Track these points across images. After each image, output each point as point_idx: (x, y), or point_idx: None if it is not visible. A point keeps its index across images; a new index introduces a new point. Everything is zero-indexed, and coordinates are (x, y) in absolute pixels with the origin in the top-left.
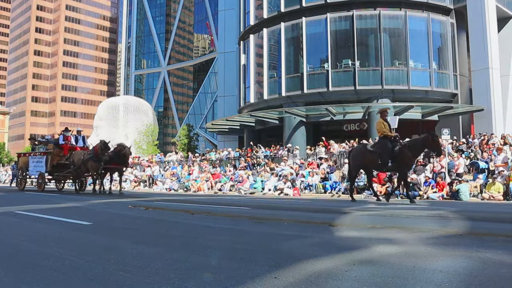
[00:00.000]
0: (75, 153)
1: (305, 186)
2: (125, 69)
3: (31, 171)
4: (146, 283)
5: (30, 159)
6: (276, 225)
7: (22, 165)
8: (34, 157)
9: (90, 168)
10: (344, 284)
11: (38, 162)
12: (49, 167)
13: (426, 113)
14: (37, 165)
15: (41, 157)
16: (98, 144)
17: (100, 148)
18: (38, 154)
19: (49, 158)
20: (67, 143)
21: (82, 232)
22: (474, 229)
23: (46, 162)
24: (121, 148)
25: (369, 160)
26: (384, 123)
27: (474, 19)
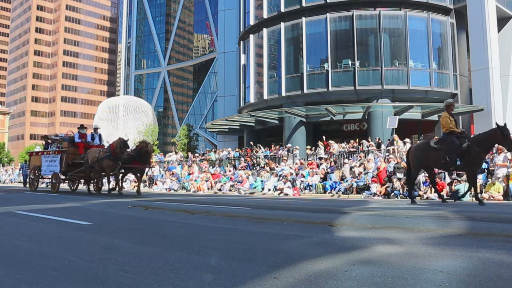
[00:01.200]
0: (90, 151)
1: (305, 186)
2: (125, 69)
3: (44, 171)
4: (146, 283)
5: (43, 158)
6: (276, 225)
7: (34, 165)
8: (48, 156)
9: (106, 167)
10: (344, 284)
11: (51, 161)
12: (64, 167)
13: (426, 113)
14: (50, 165)
15: (55, 156)
16: (116, 141)
17: (118, 146)
18: (51, 153)
19: (63, 157)
20: (83, 141)
21: (82, 232)
22: (473, 229)
23: (60, 161)
24: (143, 146)
25: (434, 159)
26: (450, 118)
27: (474, 19)
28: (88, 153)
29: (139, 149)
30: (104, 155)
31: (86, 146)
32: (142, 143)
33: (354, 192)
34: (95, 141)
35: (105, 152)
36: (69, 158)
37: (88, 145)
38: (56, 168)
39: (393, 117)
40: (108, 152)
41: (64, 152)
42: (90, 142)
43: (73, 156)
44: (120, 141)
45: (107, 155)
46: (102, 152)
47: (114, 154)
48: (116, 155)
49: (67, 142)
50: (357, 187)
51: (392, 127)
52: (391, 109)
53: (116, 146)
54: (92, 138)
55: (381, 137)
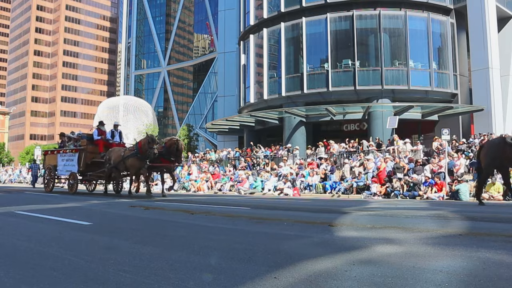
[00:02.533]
0: (113, 150)
1: (305, 186)
2: (125, 69)
3: (60, 171)
4: (146, 283)
5: (59, 157)
6: (276, 225)
7: (49, 164)
8: (64, 155)
9: (131, 166)
10: (344, 284)
11: (68, 160)
12: (83, 166)
13: (426, 113)
14: (67, 164)
15: (73, 154)
16: (143, 138)
17: (146, 143)
18: (68, 152)
19: (82, 156)
20: (103, 139)
21: (82, 232)
22: (473, 229)
23: (78, 160)
24: (173, 142)
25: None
26: None
27: (474, 19)
28: (110, 152)
29: (169, 146)
30: (129, 153)
31: (106, 144)
32: (172, 140)
33: (354, 192)
34: (115, 138)
35: (131, 150)
36: (87, 157)
37: (108, 143)
38: (73, 167)
39: (393, 117)
40: (135, 150)
41: (83, 151)
42: (110, 140)
43: (92, 155)
44: (148, 137)
45: (134, 153)
46: (127, 150)
47: (142, 152)
48: (144, 153)
49: (86, 139)
50: (357, 187)
51: (392, 127)
52: (391, 109)
53: (144, 143)
54: (112, 136)
55: (381, 137)
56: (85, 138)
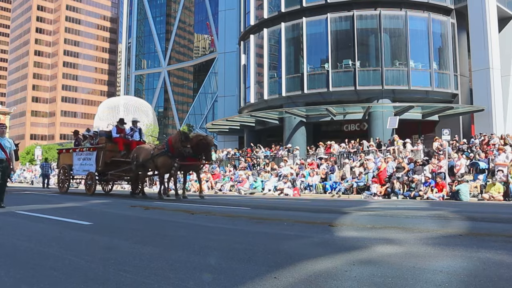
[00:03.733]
0: (142, 147)
1: (305, 186)
2: (125, 69)
3: (76, 171)
4: (146, 283)
5: (74, 156)
6: (276, 225)
7: (64, 164)
8: (80, 154)
9: (161, 165)
10: (344, 284)
11: (85, 159)
12: (101, 165)
13: (426, 113)
14: (84, 163)
15: (90, 153)
16: (175, 135)
17: (178, 140)
18: (85, 150)
19: (100, 155)
20: (122, 136)
21: (82, 232)
22: (474, 229)
23: (96, 159)
24: (201, 138)
25: None
26: None
27: (475, 19)
28: (138, 149)
29: (197, 142)
30: (159, 152)
31: (125, 142)
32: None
33: (354, 192)
34: (135, 135)
35: (160, 148)
36: (107, 155)
37: (127, 141)
38: (91, 167)
39: (394, 117)
40: (165, 148)
41: (101, 149)
42: (130, 138)
43: (111, 153)
44: (180, 133)
45: (164, 151)
46: (157, 148)
47: (173, 150)
48: (175, 151)
49: (104, 137)
50: (357, 187)
51: (393, 127)
52: (392, 109)
53: (176, 141)
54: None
55: (382, 137)
56: (103, 136)
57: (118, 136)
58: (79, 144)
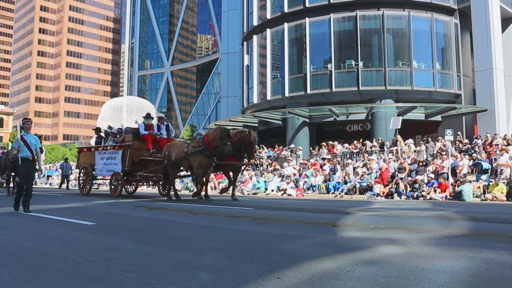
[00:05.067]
0: (173, 144)
1: (308, 187)
2: (128, 69)
3: (99, 171)
4: (149, 283)
5: (97, 155)
6: (279, 225)
7: (85, 163)
8: (104, 153)
9: (197, 165)
10: (347, 284)
11: (110, 158)
12: (128, 165)
13: (429, 114)
14: (108, 163)
15: (115, 152)
16: (213, 131)
17: (217, 138)
18: (109, 149)
19: (127, 153)
20: (151, 133)
21: (85, 232)
22: (476, 229)
23: (122, 158)
24: (245, 135)
25: None
26: None
27: (478, 20)
28: (170, 147)
29: (239, 139)
30: (194, 150)
31: (154, 139)
32: (242, 132)
33: (357, 192)
34: (162, 132)
35: (195, 146)
36: (134, 154)
37: (156, 138)
38: (116, 167)
39: (397, 118)
40: (201, 146)
41: (128, 147)
42: (158, 134)
43: (139, 151)
44: (221, 130)
45: (200, 149)
46: (191, 146)
47: (210, 148)
48: (213, 149)
49: (131, 134)
50: (360, 187)
51: (396, 128)
52: (395, 110)
53: (215, 138)
54: (158, 130)
55: (385, 138)
56: (129, 133)
57: (146, 133)
58: (101, 142)
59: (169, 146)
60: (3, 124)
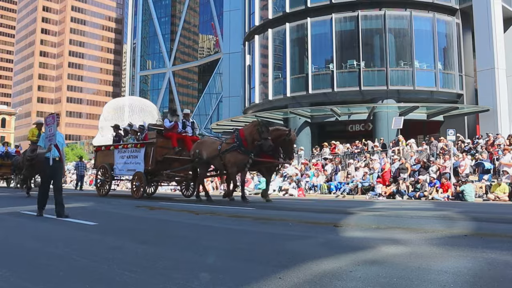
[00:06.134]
0: (204, 143)
1: (310, 187)
2: (130, 70)
3: (118, 170)
4: (151, 283)
5: (116, 154)
6: (280, 225)
7: (103, 163)
8: (124, 151)
9: (231, 163)
10: (349, 284)
11: (131, 157)
12: (152, 164)
13: (431, 114)
14: (129, 162)
15: (137, 150)
16: (249, 126)
17: (255, 132)
18: (130, 147)
19: (150, 151)
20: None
21: (88, 232)
22: (479, 229)
23: (145, 157)
24: (283, 133)
25: None
26: None
27: (480, 19)
28: (201, 145)
29: (277, 137)
30: (229, 147)
31: (179, 136)
32: (280, 129)
33: (359, 192)
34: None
35: (229, 143)
36: (158, 152)
37: (181, 136)
38: (138, 166)
39: (398, 118)
40: (236, 142)
41: (151, 145)
42: (183, 131)
43: (164, 150)
44: (260, 123)
45: (235, 146)
46: (225, 143)
47: (246, 144)
48: (250, 146)
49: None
50: (362, 187)
51: (397, 128)
52: (396, 110)
53: (252, 132)
54: (183, 127)
55: (386, 138)
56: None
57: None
58: (120, 140)
59: (199, 144)
60: (5, 124)
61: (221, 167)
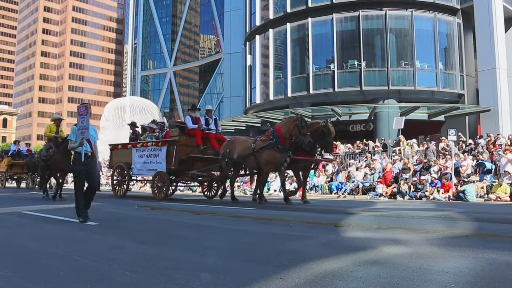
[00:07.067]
0: (236, 141)
1: (311, 187)
2: (131, 70)
3: (137, 170)
4: (152, 283)
5: (134, 153)
6: (281, 225)
7: (119, 162)
8: (143, 149)
9: (268, 162)
10: (350, 284)
11: (151, 156)
12: (175, 163)
13: (432, 114)
14: (149, 161)
15: (158, 148)
16: (286, 122)
17: (294, 127)
18: (151, 145)
19: (173, 150)
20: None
21: (89, 232)
22: (480, 230)
23: (167, 155)
24: (320, 126)
25: None
26: None
27: (481, 19)
28: (231, 143)
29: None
30: (264, 144)
31: (203, 134)
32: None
33: (360, 193)
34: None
35: (264, 140)
36: (182, 151)
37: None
38: (159, 165)
39: (399, 118)
40: (272, 139)
41: (174, 143)
42: (206, 129)
43: (188, 148)
44: (298, 118)
45: (271, 143)
46: (260, 140)
47: (284, 141)
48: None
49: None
50: (363, 188)
51: (398, 128)
52: (397, 110)
53: (289, 128)
54: (207, 124)
55: (387, 138)
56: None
57: (195, 128)
58: (137, 138)
59: (230, 143)
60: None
61: (254, 167)
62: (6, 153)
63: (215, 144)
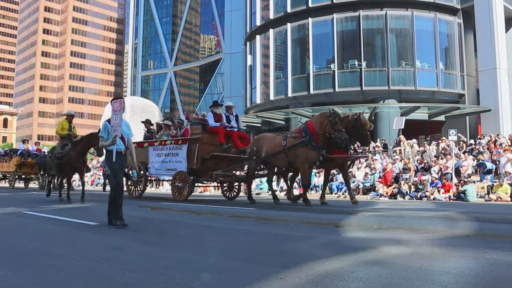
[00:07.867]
0: (264, 138)
1: (311, 187)
2: (131, 70)
3: (155, 170)
4: (152, 283)
5: (151, 152)
6: (282, 225)
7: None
8: (161, 148)
9: (303, 159)
10: (350, 285)
11: (170, 155)
12: (197, 163)
13: (433, 114)
14: (168, 160)
15: (177, 147)
16: (319, 117)
17: (328, 123)
18: (170, 143)
19: (195, 149)
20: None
21: (89, 232)
22: (481, 230)
23: (188, 154)
24: (352, 119)
25: None
26: None
27: (482, 19)
28: (259, 141)
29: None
30: (296, 141)
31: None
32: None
33: (361, 193)
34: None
35: (296, 137)
36: (204, 149)
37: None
38: (179, 165)
39: (400, 118)
40: (305, 137)
41: (196, 141)
42: (228, 126)
43: (210, 147)
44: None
45: (304, 140)
46: (290, 137)
47: (317, 138)
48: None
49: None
50: (364, 188)
51: (399, 128)
52: (398, 110)
53: (322, 124)
54: (228, 121)
55: (388, 138)
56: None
57: (217, 125)
58: (152, 136)
59: (258, 140)
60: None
61: (285, 165)
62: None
63: (238, 142)
